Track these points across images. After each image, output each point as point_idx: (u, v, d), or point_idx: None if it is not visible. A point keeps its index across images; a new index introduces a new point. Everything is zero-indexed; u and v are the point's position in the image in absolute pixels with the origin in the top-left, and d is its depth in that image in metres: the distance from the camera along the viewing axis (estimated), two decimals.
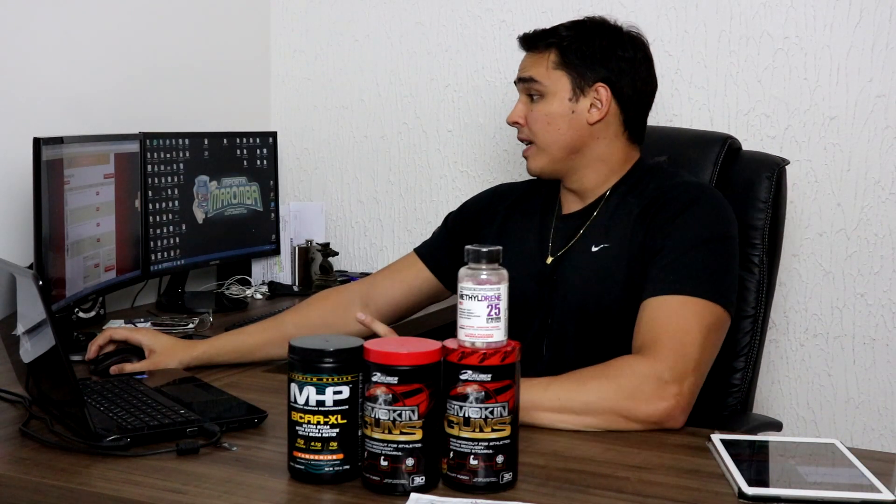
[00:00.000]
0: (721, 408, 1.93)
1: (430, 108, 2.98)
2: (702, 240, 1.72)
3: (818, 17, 2.51)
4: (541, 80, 1.85)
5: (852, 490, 1.29)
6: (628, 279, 1.76)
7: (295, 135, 3.17)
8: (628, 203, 1.82)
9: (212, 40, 2.94)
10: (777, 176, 2.04)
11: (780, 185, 2.06)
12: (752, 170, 2.06)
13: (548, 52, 1.86)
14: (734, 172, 2.08)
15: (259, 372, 1.94)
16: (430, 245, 2.06)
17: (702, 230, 1.73)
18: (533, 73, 1.86)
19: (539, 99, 1.86)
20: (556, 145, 1.85)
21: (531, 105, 1.87)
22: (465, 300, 1.31)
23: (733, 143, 2.13)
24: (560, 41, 1.85)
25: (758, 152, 2.20)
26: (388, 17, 3.01)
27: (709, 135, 2.22)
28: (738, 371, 1.97)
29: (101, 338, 1.92)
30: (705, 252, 1.71)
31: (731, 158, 2.10)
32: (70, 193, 2.11)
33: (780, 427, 2.05)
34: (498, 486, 1.30)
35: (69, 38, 2.48)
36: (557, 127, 1.84)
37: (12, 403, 1.67)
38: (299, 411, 1.31)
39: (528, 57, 1.90)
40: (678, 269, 1.68)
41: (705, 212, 1.76)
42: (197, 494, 1.30)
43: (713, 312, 1.66)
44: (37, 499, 1.35)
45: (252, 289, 2.83)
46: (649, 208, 1.78)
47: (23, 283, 1.53)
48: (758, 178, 2.04)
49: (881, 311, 2.51)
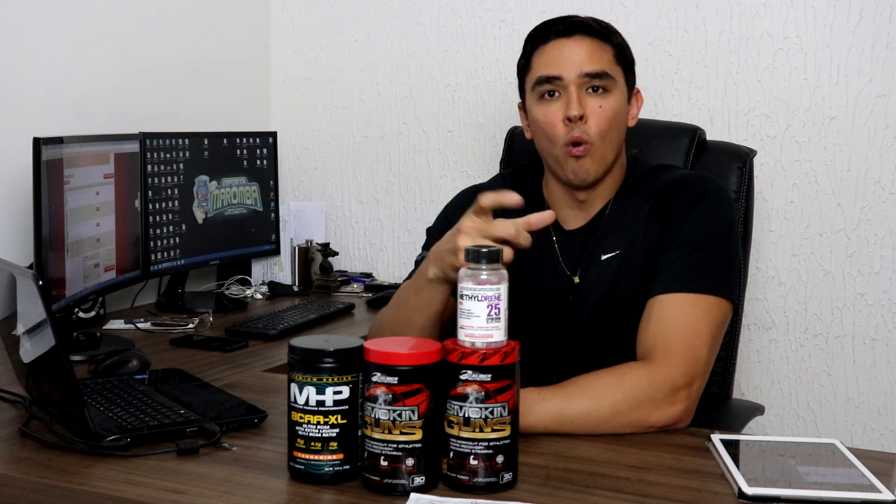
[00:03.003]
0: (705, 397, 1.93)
1: (430, 108, 2.99)
2: (713, 234, 1.69)
3: (818, 17, 2.51)
4: (613, 74, 1.73)
5: (852, 490, 1.29)
6: (643, 280, 1.71)
7: (295, 135, 3.17)
8: (633, 204, 1.78)
9: (212, 40, 2.94)
10: (748, 166, 2.09)
11: (751, 176, 2.10)
12: (722, 161, 2.10)
13: (610, 43, 1.76)
14: (704, 163, 2.11)
15: (259, 372, 1.95)
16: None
17: (713, 224, 1.71)
18: (604, 66, 1.72)
19: (606, 94, 1.73)
20: (613, 148, 1.76)
21: (596, 99, 1.72)
22: (465, 300, 1.31)
23: (701, 133, 2.16)
24: (614, 35, 1.76)
25: (723, 142, 2.23)
26: (388, 17, 3.01)
27: (677, 126, 2.25)
28: (720, 360, 1.99)
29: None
30: (716, 247, 1.69)
31: (699, 149, 2.14)
32: (70, 193, 2.11)
33: (763, 410, 2.11)
34: (498, 486, 1.30)
35: (69, 38, 2.48)
36: (619, 127, 1.76)
37: (12, 403, 1.67)
38: (299, 411, 1.31)
39: (587, 45, 1.74)
40: (689, 264, 1.66)
41: (716, 204, 1.73)
42: (197, 494, 1.30)
43: (721, 308, 1.65)
44: (37, 499, 1.35)
45: (252, 289, 2.83)
46: (660, 203, 1.75)
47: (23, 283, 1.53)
48: (729, 168, 2.07)
49: (881, 311, 2.51)
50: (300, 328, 2.37)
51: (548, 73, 1.74)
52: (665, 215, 1.73)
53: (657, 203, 1.75)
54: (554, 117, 1.73)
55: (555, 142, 1.75)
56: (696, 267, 1.66)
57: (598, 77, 1.72)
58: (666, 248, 1.70)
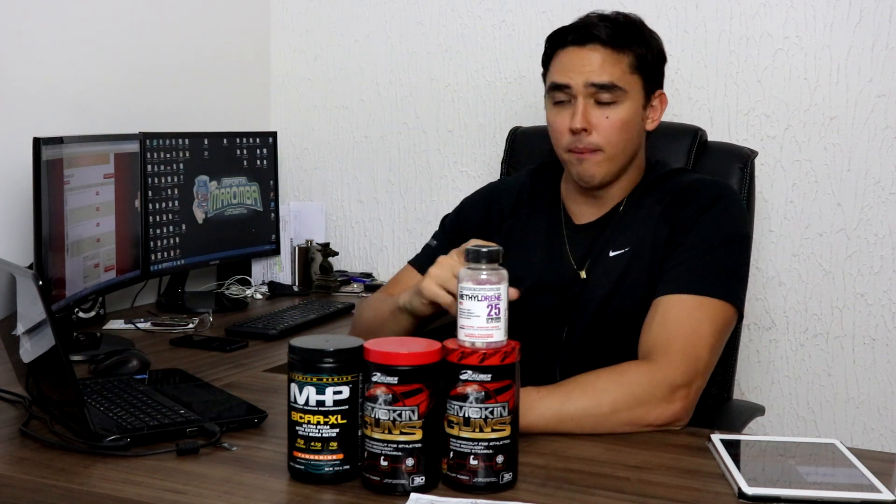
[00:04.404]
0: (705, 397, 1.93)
1: (430, 108, 2.99)
2: (723, 239, 1.70)
3: (818, 17, 2.51)
4: (623, 85, 1.74)
5: (852, 490, 1.29)
6: (650, 280, 1.73)
7: (295, 135, 3.17)
8: (646, 204, 1.79)
9: (212, 40, 2.94)
10: (750, 167, 2.09)
11: (752, 177, 2.11)
12: (724, 161, 2.11)
13: (626, 52, 1.75)
14: (705, 164, 2.11)
15: (259, 372, 1.95)
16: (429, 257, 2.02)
17: (723, 229, 1.71)
18: (615, 78, 1.73)
19: (612, 105, 1.74)
20: (625, 154, 1.78)
21: (599, 109, 1.74)
22: (465, 300, 1.31)
23: (702, 134, 2.17)
24: (639, 42, 1.76)
25: (725, 143, 2.24)
26: (388, 17, 3.01)
27: (677, 126, 2.25)
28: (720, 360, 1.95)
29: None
30: (725, 251, 1.69)
31: (701, 150, 2.15)
32: (70, 193, 2.11)
33: (763, 411, 2.11)
34: (498, 486, 1.30)
35: (69, 38, 2.48)
36: (630, 135, 1.77)
37: (12, 403, 1.67)
38: (299, 411, 1.31)
39: (596, 55, 1.74)
40: (696, 267, 1.67)
41: (729, 210, 1.74)
42: (197, 494, 1.30)
43: (726, 312, 1.65)
44: (37, 499, 1.35)
45: (252, 289, 2.83)
46: (672, 205, 1.76)
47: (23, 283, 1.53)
48: (731, 169, 2.08)
49: (881, 311, 2.51)
50: (300, 328, 2.37)
51: (559, 81, 1.77)
52: (676, 218, 1.75)
53: (669, 205, 1.77)
54: (562, 125, 1.77)
55: (560, 147, 1.80)
56: (702, 270, 1.67)
57: (605, 89, 1.73)
58: (674, 250, 1.71)
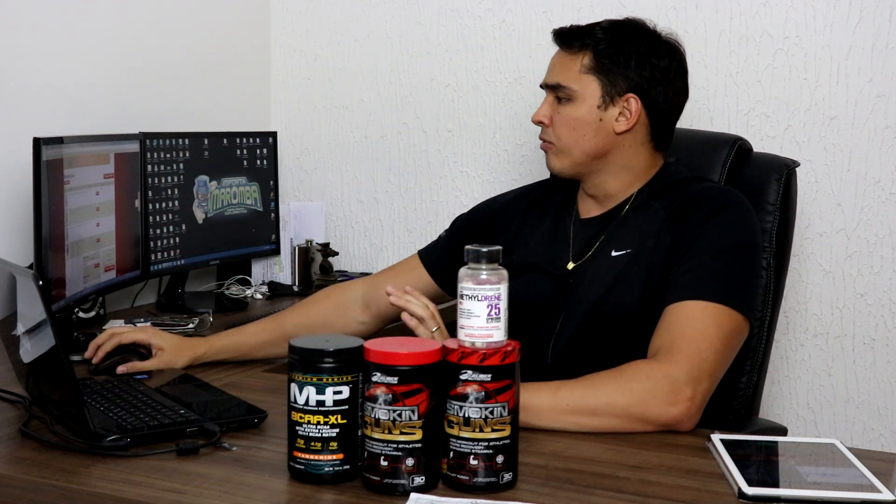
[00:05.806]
0: (726, 411, 1.91)
1: (430, 108, 2.98)
2: (730, 246, 1.70)
3: (818, 17, 2.51)
4: (569, 85, 1.80)
5: (852, 490, 1.29)
6: (646, 285, 1.73)
7: (295, 135, 3.17)
8: (653, 208, 1.79)
9: (212, 40, 2.94)
10: (786, 178, 2.00)
11: (789, 188, 2.01)
12: (762, 172, 2.02)
13: (581, 53, 1.80)
14: (743, 174, 2.04)
15: (259, 372, 1.94)
16: (434, 249, 2.04)
17: (730, 236, 1.71)
18: (561, 79, 1.81)
19: (567, 102, 1.81)
20: (579, 150, 1.81)
21: (558, 106, 1.82)
22: (465, 300, 1.31)
23: (743, 144, 2.09)
24: (596, 43, 1.80)
25: (768, 154, 2.16)
26: (388, 17, 3.01)
27: (719, 136, 2.19)
28: (744, 375, 1.93)
29: (102, 338, 1.91)
30: (732, 258, 1.69)
31: (740, 160, 2.06)
32: (70, 193, 2.11)
33: (786, 432, 2.00)
34: (498, 486, 1.30)
35: (69, 38, 2.48)
36: (583, 133, 1.80)
37: (12, 403, 1.67)
38: (299, 411, 1.31)
39: (559, 57, 1.84)
40: (703, 274, 1.66)
41: (735, 218, 1.74)
42: (197, 494, 1.30)
43: (733, 320, 1.64)
44: (37, 499, 1.35)
45: (252, 289, 2.83)
46: (678, 212, 1.76)
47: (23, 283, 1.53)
48: (767, 180, 1.99)
49: (881, 311, 2.51)
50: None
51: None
52: (680, 226, 1.74)
53: (675, 213, 1.76)
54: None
55: None
56: (708, 276, 1.66)
57: (555, 89, 1.83)
58: (681, 258, 1.70)
